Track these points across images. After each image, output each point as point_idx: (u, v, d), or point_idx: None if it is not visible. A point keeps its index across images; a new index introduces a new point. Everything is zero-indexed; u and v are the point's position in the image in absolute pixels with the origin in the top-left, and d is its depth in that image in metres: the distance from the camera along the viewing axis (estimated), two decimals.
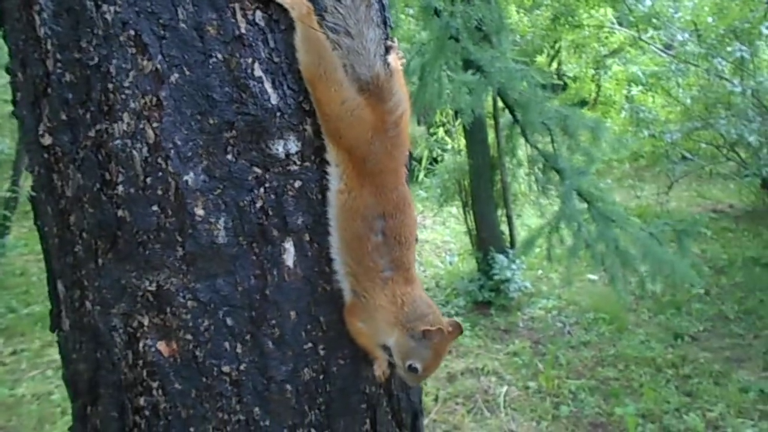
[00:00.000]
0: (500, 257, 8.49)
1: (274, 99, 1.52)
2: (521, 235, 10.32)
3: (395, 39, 1.74)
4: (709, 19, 9.31)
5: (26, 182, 12.40)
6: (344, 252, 1.61)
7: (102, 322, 1.55)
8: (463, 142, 9.02)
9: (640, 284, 6.05)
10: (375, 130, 1.57)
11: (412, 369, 1.60)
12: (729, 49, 8.20)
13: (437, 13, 5.10)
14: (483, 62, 5.20)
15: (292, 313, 1.60)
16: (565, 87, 15.82)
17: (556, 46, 15.94)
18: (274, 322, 1.58)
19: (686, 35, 9.43)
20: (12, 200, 10.15)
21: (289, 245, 1.58)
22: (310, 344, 1.63)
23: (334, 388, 1.68)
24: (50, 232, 1.61)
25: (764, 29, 7.16)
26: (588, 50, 15.38)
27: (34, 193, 1.68)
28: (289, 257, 1.58)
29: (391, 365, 1.68)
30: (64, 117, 1.47)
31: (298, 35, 1.52)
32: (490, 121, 9.11)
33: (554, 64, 17.02)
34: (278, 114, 1.53)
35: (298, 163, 1.56)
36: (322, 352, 1.65)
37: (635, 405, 5.77)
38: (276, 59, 1.52)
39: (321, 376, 1.65)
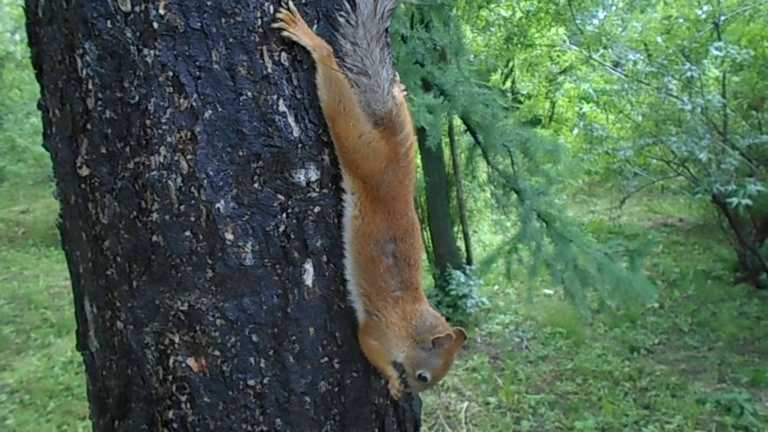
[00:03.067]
0: (457, 273, 8.61)
1: (296, 132, 1.66)
2: (477, 251, 10.53)
3: (396, 72, 1.89)
4: (659, 39, 9.71)
5: None
6: (358, 273, 1.74)
7: (134, 341, 1.65)
8: (418, 159, 9.20)
9: (598, 300, 6.27)
10: (388, 160, 1.71)
11: (422, 378, 1.74)
12: (676, 67, 8.56)
13: (404, 39, 5.27)
14: (446, 86, 5.38)
15: (311, 330, 1.73)
16: (520, 103, 16.23)
17: (510, 65, 16.36)
18: (294, 338, 1.70)
19: (637, 55, 9.80)
20: None
21: (308, 266, 1.71)
22: (326, 358, 1.76)
23: (348, 400, 1.81)
24: (83, 256, 1.71)
25: (713, 50, 7.53)
26: (540, 69, 15.83)
27: (62, 220, 1.78)
28: (309, 277, 1.72)
29: (403, 381, 1.80)
30: (103, 150, 1.58)
31: (320, 75, 1.66)
32: (445, 139, 9.31)
33: (508, 83, 17.45)
34: (300, 146, 1.67)
35: (318, 190, 1.70)
36: (337, 366, 1.78)
37: (595, 418, 5.89)
38: (299, 96, 1.66)
39: (336, 389, 1.79)
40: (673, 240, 11.49)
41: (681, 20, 9.02)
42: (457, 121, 8.35)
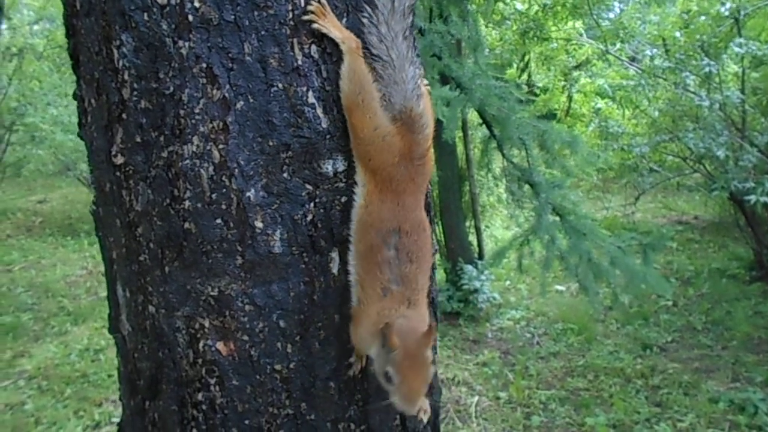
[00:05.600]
0: (469, 268, 8.61)
1: (324, 123, 1.70)
2: (489, 246, 10.53)
3: (423, 71, 1.91)
4: (677, 34, 9.58)
5: (2, 194, 12.40)
6: (357, 262, 1.72)
7: (166, 324, 1.70)
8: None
9: (612, 295, 6.27)
10: (402, 156, 1.71)
11: (387, 377, 1.58)
12: (694, 63, 8.46)
13: (421, 32, 5.29)
14: (463, 79, 5.38)
15: (336, 317, 1.77)
16: (535, 96, 16.14)
17: (525, 58, 16.27)
18: (320, 324, 1.75)
19: (654, 50, 9.70)
20: None
21: (335, 254, 1.75)
22: (350, 345, 1.80)
23: (370, 386, 1.85)
24: (116, 242, 1.77)
25: (734, 46, 7.45)
26: (556, 62, 15.73)
27: (95, 207, 1.83)
28: (335, 265, 1.76)
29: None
30: (138, 139, 1.63)
31: (345, 66, 1.70)
32: (458, 133, 9.30)
33: (524, 76, 17.35)
34: (328, 136, 1.71)
35: (344, 180, 1.75)
36: None
37: (606, 415, 5.85)
38: (328, 88, 1.70)
39: (359, 375, 1.83)
40: (687, 237, 11.37)
41: (702, 17, 8.90)
42: (472, 116, 8.35)
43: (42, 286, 9.89)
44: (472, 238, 9.59)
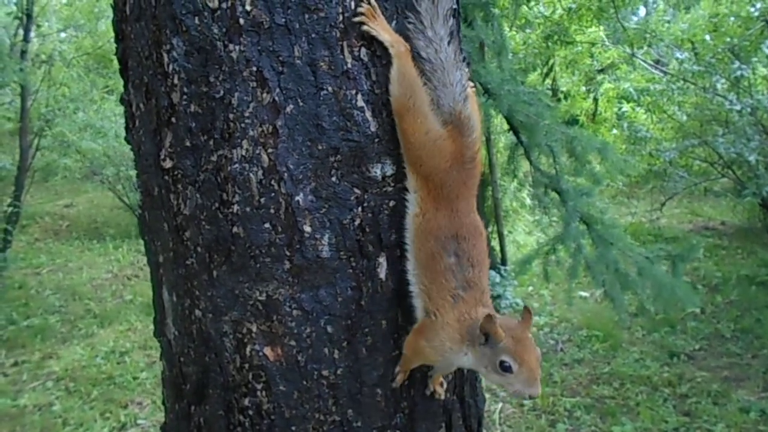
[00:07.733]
0: (492, 273, 8.57)
1: (373, 127, 1.68)
2: (511, 251, 10.46)
3: (469, 77, 1.90)
4: (707, 37, 9.41)
5: (31, 198, 12.59)
6: (420, 272, 1.71)
7: (213, 329, 1.69)
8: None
9: (637, 304, 6.14)
10: (454, 160, 1.70)
11: (505, 367, 1.57)
12: (724, 66, 8.33)
13: None
14: (492, 84, 5.35)
15: (383, 323, 1.75)
16: (558, 101, 16.01)
17: (549, 63, 16.13)
18: (367, 330, 1.73)
19: (684, 54, 9.55)
20: (13, 215, 10.31)
21: (382, 260, 1.73)
22: (397, 351, 1.78)
23: (417, 393, 1.83)
24: (163, 246, 1.76)
25: (765, 48, 7.33)
26: (581, 66, 15.57)
27: (141, 211, 1.83)
28: (382, 271, 1.74)
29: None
30: (187, 143, 1.63)
31: (394, 70, 1.68)
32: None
33: (548, 81, 17.20)
34: (377, 140, 1.69)
35: (393, 184, 1.73)
36: None
37: (632, 424, 5.74)
38: (377, 91, 1.68)
39: (406, 382, 1.80)
40: (714, 244, 11.16)
41: (732, 18, 8.77)
42: (496, 121, 8.30)
43: (69, 289, 10.00)
44: (495, 244, 9.53)
